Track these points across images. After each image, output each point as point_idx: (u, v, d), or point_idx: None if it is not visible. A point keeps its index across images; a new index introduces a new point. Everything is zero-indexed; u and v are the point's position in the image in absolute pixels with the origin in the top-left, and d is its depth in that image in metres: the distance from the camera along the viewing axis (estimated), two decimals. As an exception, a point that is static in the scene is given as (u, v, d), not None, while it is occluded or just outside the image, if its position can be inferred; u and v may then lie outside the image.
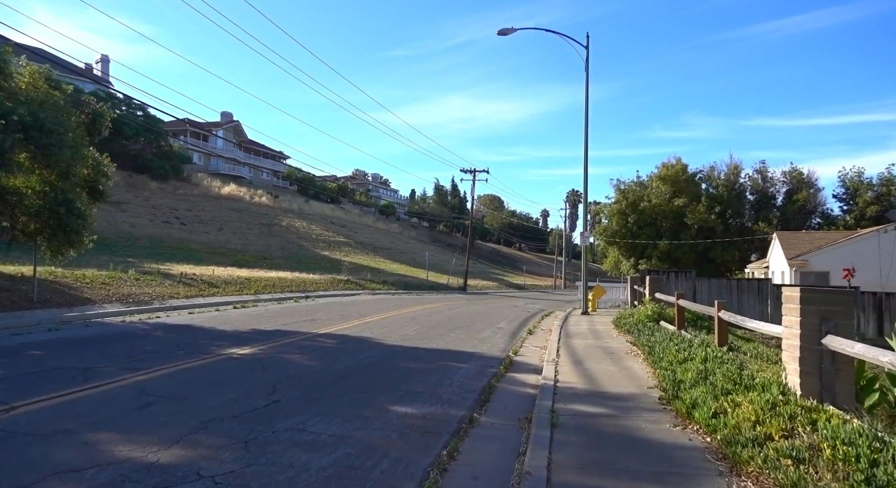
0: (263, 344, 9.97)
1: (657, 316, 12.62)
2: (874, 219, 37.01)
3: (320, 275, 32.66)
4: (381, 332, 12.39)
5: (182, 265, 27.30)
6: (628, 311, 15.11)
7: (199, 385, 6.69)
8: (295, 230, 57.16)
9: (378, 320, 15.06)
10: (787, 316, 5.08)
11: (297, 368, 7.93)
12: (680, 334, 9.74)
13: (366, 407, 5.97)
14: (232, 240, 46.24)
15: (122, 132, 50.64)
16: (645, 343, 9.29)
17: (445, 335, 12.51)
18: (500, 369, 8.51)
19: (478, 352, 10.31)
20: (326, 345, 10.33)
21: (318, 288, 27.85)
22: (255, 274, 27.76)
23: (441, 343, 11.23)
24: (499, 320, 17.01)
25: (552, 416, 5.49)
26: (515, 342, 11.98)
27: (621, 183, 46.15)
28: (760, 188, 43.53)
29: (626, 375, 7.73)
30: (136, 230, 40.11)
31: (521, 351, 10.77)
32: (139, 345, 9.35)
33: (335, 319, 14.77)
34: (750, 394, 4.84)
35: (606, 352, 9.88)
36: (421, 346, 10.65)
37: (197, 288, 19.96)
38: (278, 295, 22.94)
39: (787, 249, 26.23)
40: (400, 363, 8.79)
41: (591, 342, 11.47)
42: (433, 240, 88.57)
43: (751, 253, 42.79)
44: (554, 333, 13.13)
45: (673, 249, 42.11)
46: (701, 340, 8.17)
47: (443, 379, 7.61)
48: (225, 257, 36.84)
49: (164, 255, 32.59)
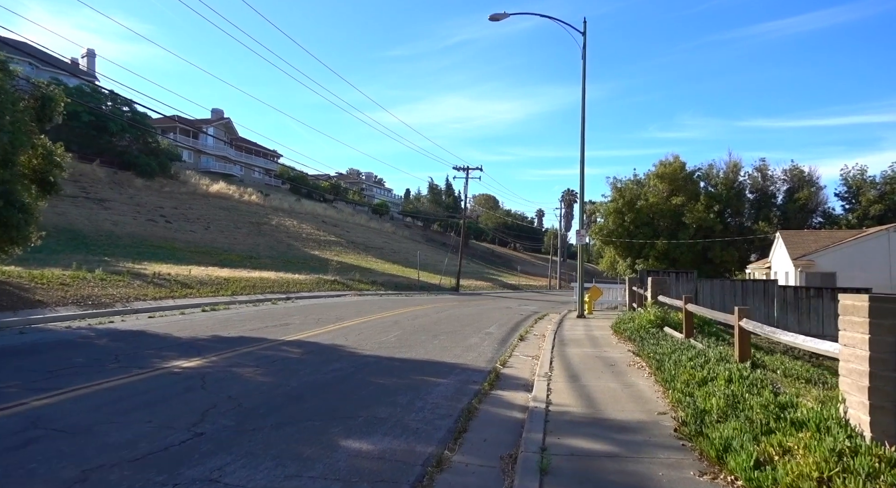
0: (217, 354, 8.75)
1: (661, 321, 11.47)
2: (878, 219, 36.05)
3: (306, 275, 31.42)
4: (356, 339, 11.19)
5: (161, 265, 26.05)
6: (627, 315, 13.97)
7: (112, 411, 5.48)
8: (285, 229, 55.86)
9: (357, 325, 13.85)
10: (847, 331, 3.92)
11: (244, 386, 6.72)
12: (689, 344, 8.58)
13: (310, 443, 4.77)
14: (218, 239, 44.92)
15: (106, 128, 49.24)
16: (651, 354, 8.13)
17: (428, 342, 11.32)
18: (483, 386, 7.33)
19: (461, 363, 9.12)
20: (290, 355, 9.12)
21: (302, 289, 26.61)
22: (237, 274, 26.51)
23: (421, 352, 10.04)
24: (489, 324, 15.83)
25: (542, 458, 4.30)
26: (504, 350, 10.80)
27: (618, 181, 45.02)
28: (760, 186, 42.47)
29: (630, 395, 6.56)
30: (119, 228, 38.69)
31: (511, 361, 9.59)
32: (69, 357, 8.12)
33: (310, 324, 13.56)
34: (801, 435, 3.68)
35: (606, 364, 8.72)
36: (398, 356, 9.45)
37: (168, 289, 18.70)
38: (258, 296, 21.71)
39: (791, 249, 25.15)
40: (369, 378, 7.59)
41: (588, 351, 10.31)
42: (427, 239, 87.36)
43: (750, 253, 41.77)
44: (547, 340, 11.97)
45: (671, 249, 41.01)
46: (718, 353, 7.00)
47: (415, 400, 6.41)
48: (209, 257, 35.56)
49: (145, 254, 31.33)
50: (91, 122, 48.12)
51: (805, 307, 18.65)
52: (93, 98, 49.32)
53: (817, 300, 18.57)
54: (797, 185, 41.02)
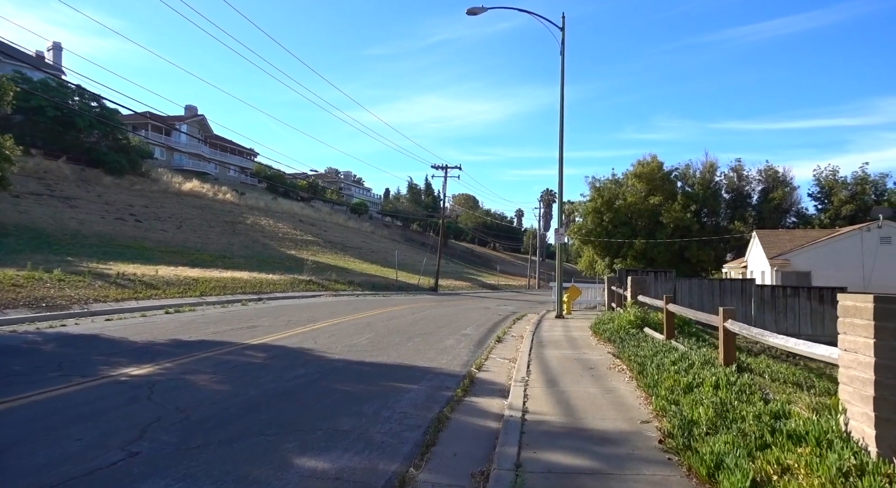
0: (172, 360, 8.16)
1: (641, 321, 11.19)
2: (849, 219, 36.64)
3: (281, 275, 30.64)
4: (326, 342, 10.67)
5: (128, 265, 25.10)
6: (607, 315, 13.69)
7: (43, 426, 4.91)
8: (260, 228, 54.74)
9: (328, 326, 13.30)
10: (847, 335, 3.58)
11: (195, 396, 6.18)
12: (671, 345, 8.27)
13: (260, 461, 4.28)
14: (191, 238, 43.73)
15: (73, 124, 47.53)
16: (632, 356, 7.79)
17: (401, 345, 10.85)
18: (457, 392, 6.90)
19: (434, 367, 8.68)
20: (252, 360, 8.57)
21: (275, 289, 25.88)
22: (208, 274, 25.66)
23: (393, 355, 9.56)
24: (466, 325, 15.42)
25: (516, 476, 3.89)
26: (481, 353, 10.39)
27: (597, 180, 45.12)
28: (736, 186, 42.93)
29: (611, 401, 6.19)
30: (85, 227, 37.30)
31: (487, 364, 9.18)
32: (6, 365, 7.46)
33: (279, 326, 12.97)
34: (801, 451, 3.32)
35: (585, 367, 8.36)
36: (368, 361, 8.96)
37: (132, 290, 17.88)
38: (228, 297, 20.96)
39: (767, 248, 25.29)
40: (334, 385, 7.10)
41: (566, 352, 9.95)
42: (406, 239, 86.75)
43: (726, 252, 42.18)
44: (525, 341, 11.60)
45: (648, 248, 41.20)
46: (702, 356, 6.67)
47: (381, 410, 5.95)
48: (180, 256, 34.49)
49: (112, 254, 30.20)
50: (57, 117, 46.36)
51: (782, 306, 18.66)
52: (59, 92, 47.55)
53: (794, 299, 18.59)
54: (772, 185, 41.54)
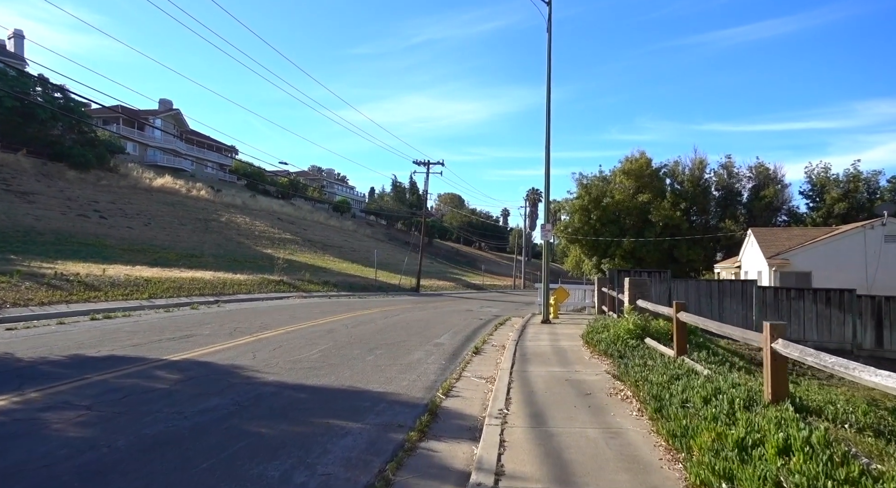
0: (48, 386, 6.30)
1: (641, 331, 9.53)
2: (842, 217, 35.56)
3: (249, 275, 28.61)
4: (266, 357, 8.84)
5: (79, 264, 22.99)
6: (600, 322, 12.04)
7: None
8: (235, 226, 52.51)
9: (279, 335, 11.46)
10: None
11: (28, 452, 4.33)
12: (686, 365, 6.59)
13: None
14: (159, 236, 41.43)
15: (34, 115, 44.91)
16: (639, 380, 6.10)
17: (359, 359, 9.06)
18: (410, 434, 5.13)
19: (390, 392, 6.90)
20: (157, 385, 6.72)
21: (240, 290, 23.89)
22: (166, 274, 23.59)
23: (345, 375, 7.78)
24: (441, 332, 13.67)
25: None
26: (453, 369, 8.65)
27: (584, 177, 43.60)
28: (726, 184, 41.69)
29: (620, 453, 4.47)
30: (42, 224, 34.86)
31: (459, 386, 7.44)
32: None
33: (220, 335, 11.10)
34: None
35: (580, 392, 6.66)
36: (309, 383, 7.17)
37: (66, 292, 15.85)
38: (182, 299, 18.97)
39: (764, 247, 23.86)
40: (247, 425, 5.29)
41: (555, 371, 8.24)
42: (390, 238, 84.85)
43: (716, 252, 40.93)
44: (507, 354, 9.88)
45: (637, 248, 39.80)
46: (742, 390, 4.94)
47: (295, 471, 4.16)
48: (142, 255, 32.30)
49: (65, 253, 27.96)
50: (15, 108, 43.71)
51: (786, 309, 17.20)
52: (18, 83, 44.94)
53: (798, 302, 17.13)
54: (763, 183, 40.35)
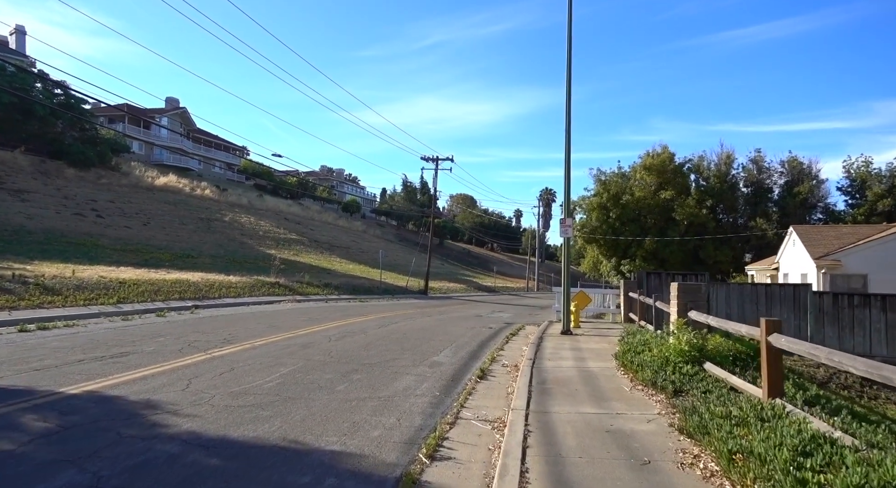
0: None
1: (698, 352, 7.25)
2: (886, 215, 32.70)
3: (242, 277, 26.66)
4: (203, 387, 6.71)
5: (58, 264, 21.25)
6: (636, 337, 9.77)
7: None
8: (239, 226, 50.84)
9: (239, 352, 9.33)
10: None
11: None
12: (788, 415, 4.31)
13: None
14: (158, 235, 39.78)
15: (32, 112, 43.59)
16: (734, 450, 3.85)
17: (325, 390, 6.89)
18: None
19: (350, 452, 4.70)
20: (3, 446, 4.61)
21: (228, 293, 21.92)
22: (150, 276, 21.71)
23: (294, 419, 5.61)
24: (442, 345, 11.47)
25: None
26: (449, 404, 6.46)
27: (602, 173, 41.13)
28: (756, 180, 38.92)
29: None
30: (33, 223, 33.29)
31: (453, 437, 5.25)
32: None
33: (166, 353, 9.00)
34: None
35: (631, 457, 4.43)
36: (236, 436, 5.00)
37: (15, 297, 13.92)
38: (158, 304, 17.00)
39: (810, 247, 21.28)
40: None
41: (588, 413, 6.00)
42: (400, 238, 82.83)
43: (745, 252, 38.23)
44: (521, 379, 7.66)
45: (660, 248, 37.26)
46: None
47: None
48: (134, 255, 30.57)
49: (50, 252, 26.30)
50: (13, 104, 42.38)
51: (847, 319, 14.72)
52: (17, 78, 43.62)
53: (863, 310, 14.63)
54: (796, 178, 37.53)
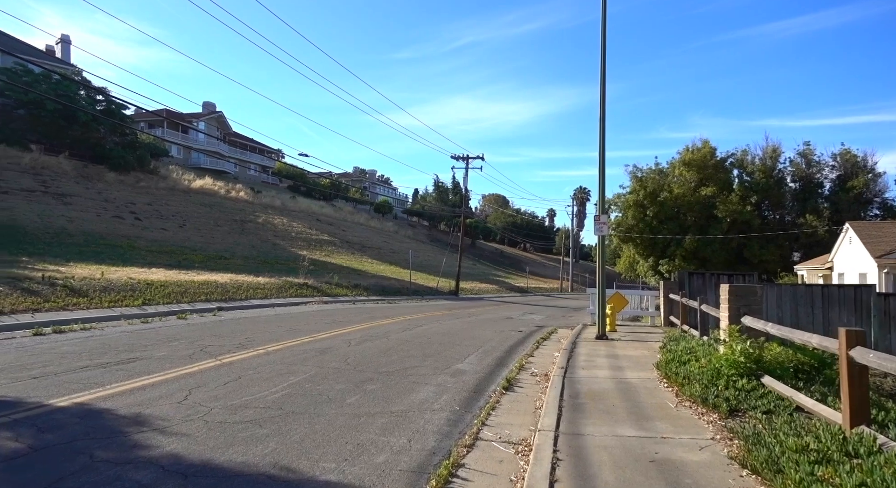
0: None
1: (755, 365, 6.33)
2: (952, 210, 30.32)
3: (270, 277, 26.53)
4: (201, 399, 6.19)
5: (91, 266, 21.52)
6: (680, 345, 8.85)
7: None
8: (272, 227, 51.31)
9: (251, 358, 8.84)
10: None
11: None
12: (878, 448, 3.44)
13: None
14: (192, 237, 40.40)
15: (76, 118, 44.93)
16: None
17: (334, 403, 6.29)
18: None
19: (349, 483, 4.05)
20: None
21: (255, 294, 21.74)
22: (180, 277, 21.73)
23: (292, 439, 5.01)
24: (468, 350, 10.77)
25: None
26: (469, 421, 5.76)
27: (638, 170, 39.59)
28: (804, 174, 36.76)
29: None
30: (74, 225, 34.15)
31: (469, 463, 4.54)
32: None
33: (176, 359, 8.58)
34: None
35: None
36: (220, 462, 4.41)
37: (41, 298, 13.89)
38: (183, 306, 16.85)
39: (870, 245, 19.68)
40: None
41: (628, 436, 5.20)
42: (432, 239, 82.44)
43: (793, 251, 36.14)
44: (551, 392, 6.89)
45: (701, 247, 35.57)
46: None
47: None
48: (168, 256, 30.97)
49: (86, 254, 26.83)
50: (58, 111, 43.78)
51: (917, 323, 13.30)
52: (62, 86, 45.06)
53: (935, 313, 13.20)
54: (850, 172, 35.24)
